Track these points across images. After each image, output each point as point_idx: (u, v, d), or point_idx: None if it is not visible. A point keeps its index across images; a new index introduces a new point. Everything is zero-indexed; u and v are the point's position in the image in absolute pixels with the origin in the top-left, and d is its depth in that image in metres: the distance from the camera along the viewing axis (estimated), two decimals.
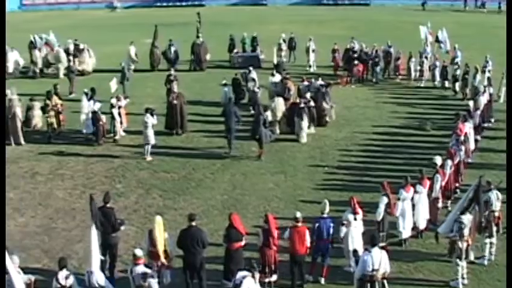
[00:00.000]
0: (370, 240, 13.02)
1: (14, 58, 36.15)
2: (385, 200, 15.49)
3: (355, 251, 13.64)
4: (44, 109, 24.80)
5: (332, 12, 69.13)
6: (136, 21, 60.13)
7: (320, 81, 27.91)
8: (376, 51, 35.24)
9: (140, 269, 12.10)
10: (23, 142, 24.13)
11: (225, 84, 29.15)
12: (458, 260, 14.29)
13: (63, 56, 35.69)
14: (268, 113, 24.02)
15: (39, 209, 18.68)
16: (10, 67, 35.54)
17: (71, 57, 35.54)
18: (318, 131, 25.34)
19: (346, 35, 42.26)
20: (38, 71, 36.33)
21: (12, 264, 11.48)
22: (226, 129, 23.34)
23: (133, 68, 35.93)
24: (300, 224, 14.13)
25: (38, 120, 25.63)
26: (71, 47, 36.74)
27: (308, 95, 25.47)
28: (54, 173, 21.48)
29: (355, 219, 14.76)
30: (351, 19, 61.21)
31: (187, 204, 18.70)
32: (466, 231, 14.21)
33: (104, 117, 24.10)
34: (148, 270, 12.22)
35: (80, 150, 23.48)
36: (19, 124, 24.29)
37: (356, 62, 34.30)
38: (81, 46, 37.10)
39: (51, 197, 19.53)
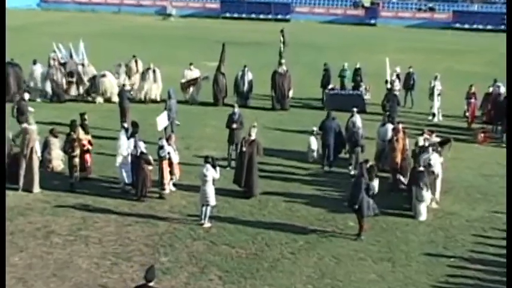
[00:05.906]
0: None
1: (39, 74, 37.59)
2: None
3: None
4: (65, 147, 25.12)
5: (465, 39, 69.37)
6: (196, 35, 61.42)
7: (435, 138, 27.44)
8: None
9: None
10: (36, 190, 24.66)
11: (313, 132, 29.09)
12: None
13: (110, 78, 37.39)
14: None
15: (53, 281, 18.90)
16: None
17: (126, 79, 36.87)
18: (443, 206, 25.11)
19: (485, 73, 42.12)
20: (82, 92, 37.88)
21: None
22: (323, 144, 27.98)
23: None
24: None
25: (57, 161, 26.19)
26: (131, 65, 38.02)
27: (432, 156, 25.28)
28: (76, 233, 21.85)
29: None
30: (490, 50, 61.10)
31: None
32: None
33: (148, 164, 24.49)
34: None
35: (112, 206, 23.87)
36: (36, 165, 24.64)
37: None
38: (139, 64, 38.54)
39: (71, 266, 19.78)
